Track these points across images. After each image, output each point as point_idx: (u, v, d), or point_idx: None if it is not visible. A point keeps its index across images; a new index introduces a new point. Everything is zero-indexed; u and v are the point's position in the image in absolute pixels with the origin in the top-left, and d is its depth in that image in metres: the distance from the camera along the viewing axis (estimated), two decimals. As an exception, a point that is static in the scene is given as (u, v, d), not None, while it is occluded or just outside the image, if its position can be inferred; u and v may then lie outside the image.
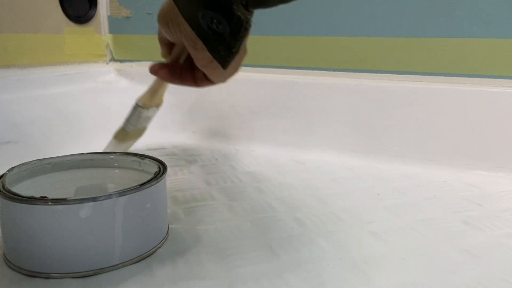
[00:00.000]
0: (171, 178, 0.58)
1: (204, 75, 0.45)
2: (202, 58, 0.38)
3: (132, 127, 0.62)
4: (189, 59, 0.46)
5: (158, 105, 0.63)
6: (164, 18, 0.40)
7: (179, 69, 0.48)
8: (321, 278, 0.35)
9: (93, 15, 0.87)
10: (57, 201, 0.33)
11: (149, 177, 0.38)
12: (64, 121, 0.71)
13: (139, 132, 0.67)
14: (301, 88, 0.72)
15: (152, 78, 0.56)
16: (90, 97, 0.78)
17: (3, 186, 0.36)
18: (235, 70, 0.42)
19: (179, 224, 0.44)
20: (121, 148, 0.66)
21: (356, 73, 0.71)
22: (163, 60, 0.53)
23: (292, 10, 0.73)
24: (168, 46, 0.48)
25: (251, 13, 0.33)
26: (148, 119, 0.64)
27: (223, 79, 0.44)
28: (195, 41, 0.36)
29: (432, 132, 0.64)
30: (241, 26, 0.32)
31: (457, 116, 0.63)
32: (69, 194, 0.43)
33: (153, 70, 0.49)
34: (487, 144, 0.61)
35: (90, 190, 0.43)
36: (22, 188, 0.39)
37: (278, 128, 0.73)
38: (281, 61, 0.76)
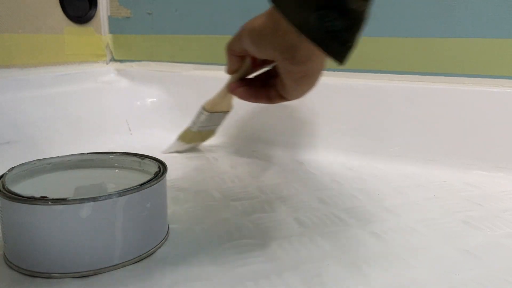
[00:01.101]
0: (171, 178, 0.58)
1: (278, 93, 0.44)
2: (298, 71, 0.38)
3: (195, 127, 0.64)
4: (262, 77, 0.47)
5: (225, 111, 0.65)
6: (256, 34, 0.39)
7: (254, 87, 0.47)
8: (321, 278, 0.35)
9: (93, 15, 0.87)
10: (57, 201, 0.33)
11: (149, 177, 0.38)
12: (64, 121, 0.71)
13: (204, 134, 0.68)
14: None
15: (152, 78, 0.56)
16: (90, 97, 0.78)
17: (3, 186, 0.36)
18: (313, 85, 0.41)
19: (179, 224, 0.44)
20: (185, 149, 0.69)
21: (356, 73, 0.71)
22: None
23: (292, 10, 0.73)
24: (238, 60, 0.46)
25: (367, 2, 0.32)
26: (213, 122, 0.66)
27: (301, 95, 0.43)
28: (294, 53, 0.36)
29: (432, 132, 0.64)
30: (357, 19, 0.32)
31: (457, 116, 0.63)
32: (69, 194, 0.42)
33: (231, 88, 0.48)
34: (487, 144, 0.61)
35: (90, 190, 0.43)
36: (22, 188, 0.39)
37: (278, 128, 0.73)
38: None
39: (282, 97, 0.44)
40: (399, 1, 0.66)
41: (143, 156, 0.44)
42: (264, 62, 0.46)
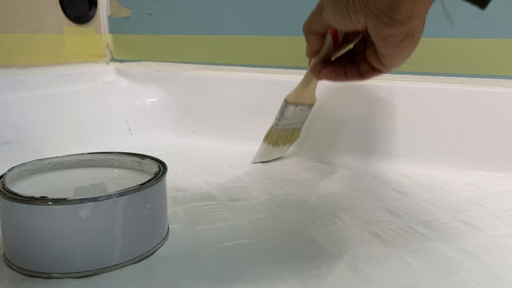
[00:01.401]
0: (171, 178, 0.58)
1: (371, 65, 0.40)
2: (398, 34, 0.34)
3: (280, 124, 0.59)
4: (347, 55, 0.43)
5: (310, 104, 0.60)
6: (342, 1, 0.35)
7: (342, 65, 0.43)
8: (321, 278, 0.35)
9: (93, 15, 0.87)
10: (57, 201, 0.33)
11: (149, 177, 0.38)
12: (64, 121, 0.71)
13: (291, 133, 0.62)
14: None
15: (152, 78, 0.56)
16: (90, 97, 0.78)
17: (3, 186, 0.36)
18: (415, 47, 0.38)
19: (179, 224, 0.44)
20: (273, 154, 0.62)
21: (356, 73, 0.71)
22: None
23: (292, 10, 0.73)
24: (318, 39, 0.43)
25: None
26: (297, 119, 0.60)
27: (401, 62, 0.39)
28: (395, 12, 0.32)
29: (432, 132, 0.64)
30: None
31: (457, 116, 0.63)
32: (69, 194, 0.42)
33: (315, 70, 0.44)
34: (487, 144, 0.61)
35: (90, 190, 0.43)
36: (22, 188, 0.39)
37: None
38: (281, 61, 0.76)
39: (377, 70, 0.40)
40: (399, 1, 0.66)
41: (143, 156, 0.44)
42: (346, 40, 0.42)
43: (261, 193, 0.53)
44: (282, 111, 0.58)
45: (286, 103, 0.57)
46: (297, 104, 0.57)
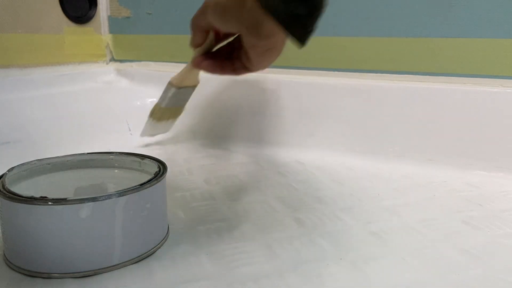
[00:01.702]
0: (171, 178, 0.58)
1: (243, 64, 0.46)
2: (262, 45, 0.41)
3: (163, 103, 0.63)
4: (226, 49, 0.48)
5: (193, 86, 0.65)
6: (221, 8, 0.40)
7: (220, 60, 0.49)
8: (321, 278, 0.35)
9: (93, 15, 0.87)
10: (57, 201, 0.33)
11: (149, 177, 0.38)
12: (64, 121, 0.71)
13: (175, 111, 0.68)
14: (301, 88, 0.72)
15: (152, 78, 0.56)
16: (90, 97, 0.78)
17: (3, 186, 0.36)
18: (277, 57, 0.45)
19: (179, 224, 0.44)
20: (159, 129, 0.68)
21: (356, 73, 0.71)
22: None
23: (292, 10, 0.73)
24: (202, 34, 0.48)
25: None
26: (181, 98, 0.65)
27: (266, 66, 0.45)
28: (259, 29, 0.38)
29: (432, 132, 0.64)
30: (317, 6, 0.34)
31: (457, 116, 0.63)
32: (69, 194, 0.42)
33: (196, 63, 0.49)
34: (487, 144, 0.61)
35: (90, 190, 0.43)
36: (22, 188, 0.39)
37: (278, 128, 0.73)
38: (281, 61, 0.76)
39: (247, 69, 0.46)
40: (399, 1, 0.66)
41: (143, 156, 0.44)
42: (227, 35, 0.47)
43: (261, 193, 0.53)
44: (166, 92, 0.63)
45: (171, 85, 0.62)
46: (180, 87, 0.62)
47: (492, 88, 0.62)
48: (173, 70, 0.84)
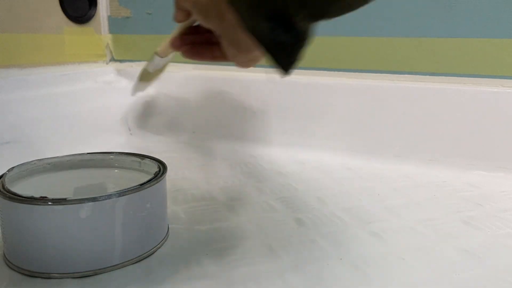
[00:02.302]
0: (171, 178, 0.58)
1: (223, 53, 0.44)
2: (242, 56, 0.40)
3: (151, 68, 0.68)
4: (206, 36, 0.46)
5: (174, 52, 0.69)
6: (202, 9, 0.38)
7: (198, 46, 0.48)
8: (321, 278, 0.35)
9: (93, 15, 0.87)
10: (57, 201, 0.33)
11: (149, 177, 0.38)
12: (64, 121, 0.71)
13: (159, 71, 0.73)
14: (301, 88, 0.72)
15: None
16: (90, 97, 0.78)
17: (3, 186, 0.36)
18: (257, 63, 0.43)
19: (179, 224, 0.44)
20: (145, 86, 0.73)
21: (356, 73, 0.71)
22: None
23: (292, 10, 0.73)
24: (185, 13, 0.46)
25: (310, 24, 0.33)
26: (165, 61, 0.70)
27: (248, 67, 0.44)
28: (240, 44, 0.37)
29: (432, 132, 0.64)
30: (301, 37, 0.34)
31: (457, 116, 0.63)
32: (69, 194, 0.42)
33: (175, 45, 0.49)
34: (487, 144, 0.61)
35: (90, 190, 0.43)
36: (22, 188, 0.39)
37: (278, 128, 0.73)
38: (281, 61, 0.76)
39: (227, 58, 0.43)
40: (399, 1, 0.66)
41: (143, 156, 0.44)
42: None
43: (261, 193, 0.53)
44: (153, 61, 0.67)
45: (156, 55, 0.66)
46: (163, 56, 0.66)
47: (492, 88, 0.62)
48: (173, 70, 0.84)
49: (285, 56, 0.35)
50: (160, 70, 0.74)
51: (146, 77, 0.74)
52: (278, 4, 0.31)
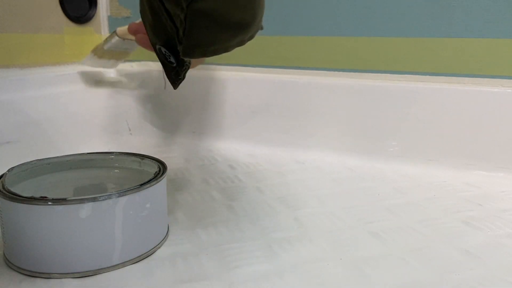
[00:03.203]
0: (171, 178, 0.59)
1: None
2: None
3: (106, 45, 0.71)
4: None
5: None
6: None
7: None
8: (321, 278, 0.35)
9: (93, 15, 0.87)
10: (57, 201, 0.33)
11: (149, 177, 0.38)
12: (64, 121, 0.71)
13: (118, 54, 0.76)
14: (301, 88, 0.72)
15: (152, 78, 0.56)
16: (90, 97, 0.78)
17: (3, 186, 0.36)
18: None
19: (179, 224, 0.44)
20: (100, 64, 0.78)
21: (356, 73, 0.71)
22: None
23: (292, 10, 0.73)
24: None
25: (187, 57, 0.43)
26: (126, 47, 0.73)
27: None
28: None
29: (432, 132, 0.64)
30: (184, 64, 0.44)
31: (457, 116, 0.63)
32: (69, 194, 0.43)
33: (132, 30, 0.57)
34: (487, 144, 0.61)
35: (90, 190, 0.43)
36: (22, 188, 0.39)
37: (278, 128, 0.73)
38: (281, 61, 0.76)
39: None
40: (399, 1, 0.66)
41: (143, 156, 0.44)
42: None
43: (261, 193, 0.53)
44: (110, 38, 0.70)
45: (115, 34, 0.69)
46: (124, 38, 0.69)
47: (492, 88, 0.62)
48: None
49: (173, 74, 0.45)
50: (117, 53, 0.76)
51: (98, 52, 0.76)
52: (168, 35, 0.40)
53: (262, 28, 0.47)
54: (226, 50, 0.41)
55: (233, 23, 0.39)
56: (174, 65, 0.43)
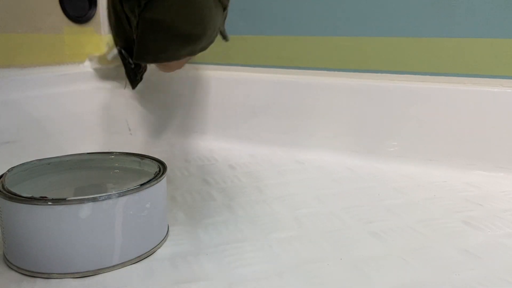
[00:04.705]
0: (171, 178, 0.58)
1: None
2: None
3: (110, 57, 0.80)
4: None
5: None
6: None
7: None
8: (321, 278, 0.35)
9: (93, 15, 0.87)
10: (57, 201, 0.33)
11: (149, 177, 0.38)
12: (64, 121, 0.71)
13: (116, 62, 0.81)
14: (301, 88, 0.72)
15: (152, 78, 0.56)
16: (90, 97, 0.78)
17: (3, 186, 0.36)
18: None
19: (179, 224, 0.44)
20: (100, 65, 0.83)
21: (356, 73, 0.71)
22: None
23: (292, 10, 0.73)
24: None
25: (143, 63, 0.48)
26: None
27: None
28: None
29: (432, 132, 0.64)
30: (140, 67, 0.48)
31: (457, 116, 0.63)
32: (68, 194, 0.42)
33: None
34: (487, 144, 0.61)
35: (90, 190, 0.43)
36: (22, 188, 0.39)
37: (278, 128, 0.73)
38: (281, 61, 0.76)
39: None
40: (399, 1, 0.66)
41: (143, 156, 0.44)
42: None
43: (261, 193, 0.53)
44: (112, 50, 0.76)
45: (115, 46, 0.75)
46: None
47: (492, 88, 0.62)
48: (173, 70, 0.84)
49: (131, 74, 0.49)
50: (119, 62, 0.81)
51: (102, 61, 0.82)
52: (127, 38, 0.43)
53: (227, 40, 0.51)
54: (178, 58, 0.46)
55: (182, 35, 0.42)
56: (133, 66, 0.48)
